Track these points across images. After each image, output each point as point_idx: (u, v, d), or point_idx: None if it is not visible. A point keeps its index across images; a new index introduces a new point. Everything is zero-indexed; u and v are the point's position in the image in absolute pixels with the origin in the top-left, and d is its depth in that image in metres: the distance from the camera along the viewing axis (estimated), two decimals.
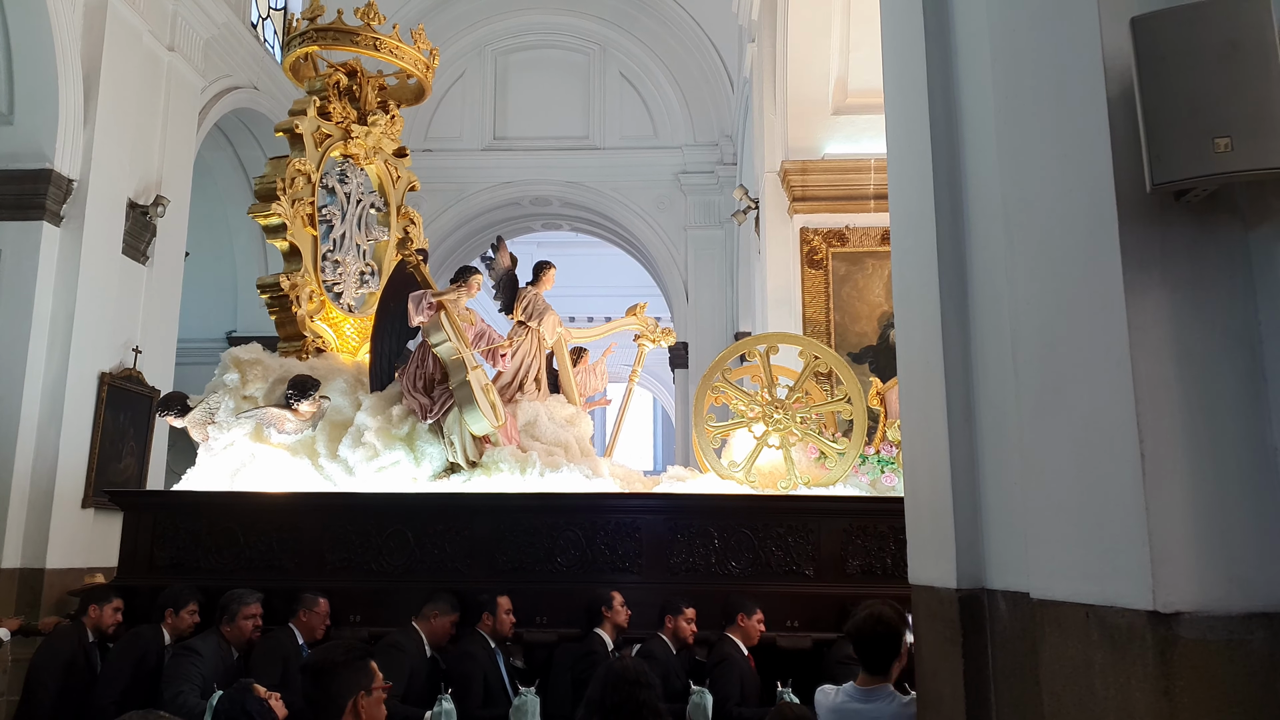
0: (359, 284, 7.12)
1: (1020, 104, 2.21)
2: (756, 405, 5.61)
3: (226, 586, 4.75)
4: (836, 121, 8.85)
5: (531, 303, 6.41)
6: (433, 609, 4.65)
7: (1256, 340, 1.70)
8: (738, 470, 5.60)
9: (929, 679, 2.71)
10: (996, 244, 2.37)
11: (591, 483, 5.60)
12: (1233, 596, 1.62)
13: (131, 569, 5.34)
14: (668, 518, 5.20)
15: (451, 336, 5.66)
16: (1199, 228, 1.75)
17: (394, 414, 5.78)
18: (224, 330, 12.57)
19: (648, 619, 4.75)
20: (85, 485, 8.07)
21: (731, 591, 4.85)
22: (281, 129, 6.74)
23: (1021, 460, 2.19)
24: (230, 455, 5.78)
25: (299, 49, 6.89)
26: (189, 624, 4.68)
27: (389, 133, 7.26)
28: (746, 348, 6.04)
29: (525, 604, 4.87)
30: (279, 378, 5.97)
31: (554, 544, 5.14)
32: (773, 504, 5.28)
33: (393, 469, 5.59)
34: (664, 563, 5.11)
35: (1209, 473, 1.68)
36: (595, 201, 14.04)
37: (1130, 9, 1.76)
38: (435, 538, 5.17)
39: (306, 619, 4.70)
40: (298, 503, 5.36)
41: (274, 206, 6.40)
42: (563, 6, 13.95)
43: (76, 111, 8.09)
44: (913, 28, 2.88)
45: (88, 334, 8.09)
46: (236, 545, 5.24)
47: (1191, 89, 1.63)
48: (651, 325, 6.99)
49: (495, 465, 5.61)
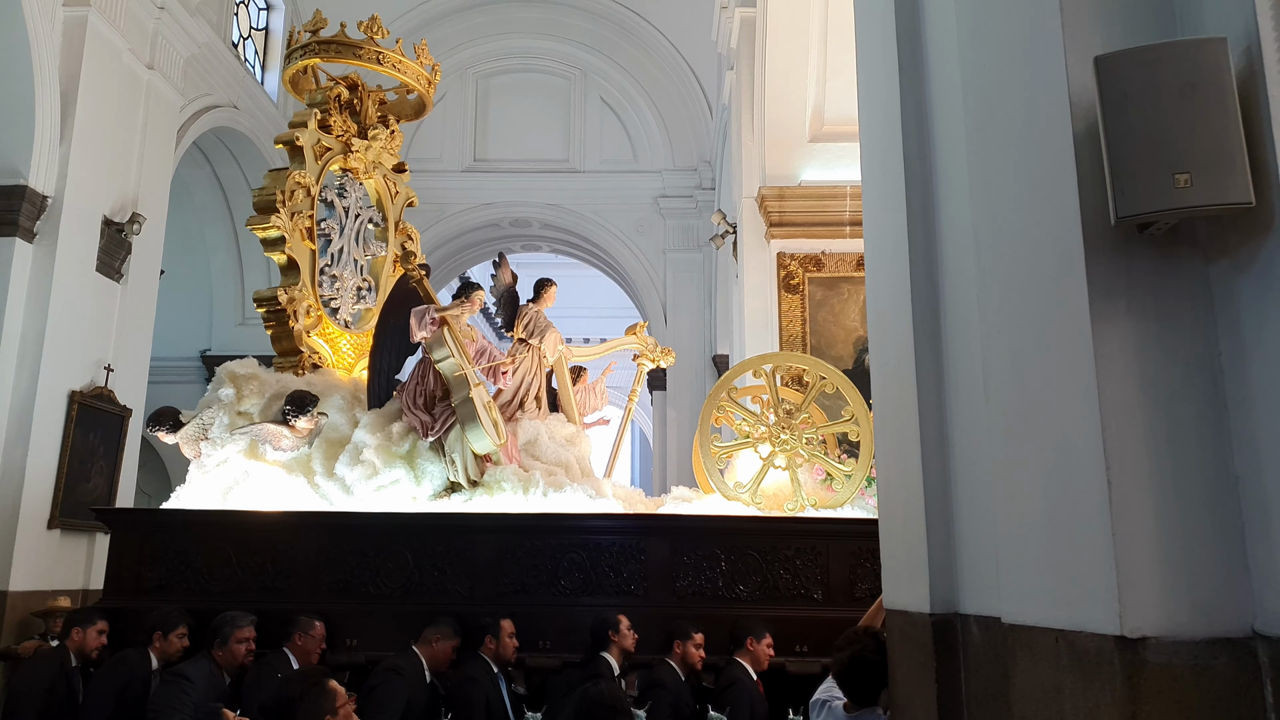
0: (356, 300, 7.02)
1: (990, 137, 2.26)
2: (762, 426, 5.54)
3: (217, 609, 4.61)
4: (813, 149, 8.98)
5: (533, 320, 6.31)
6: (434, 633, 4.52)
7: (1218, 370, 1.75)
8: (743, 491, 5.51)
9: (904, 703, 2.73)
10: (968, 273, 2.42)
11: (595, 503, 5.50)
12: (1197, 622, 1.64)
13: (118, 590, 5.15)
14: (674, 540, 5.10)
15: (454, 352, 5.56)
16: (1162, 260, 1.80)
17: (394, 431, 5.67)
18: (198, 349, 12.47)
19: (652, 643, 4.65)
20: (52, 505, 7.93)
21: (740, 616, 4.76)
22: (282, 141, 6.63)
23: (993, 486, 2.22)
24: (223, 472, 5.63)
25: (300, 61, 6.79)
26: (178, 648, 4.51)
27: (389, 147, 7.20)
28: (752, 367, 5.98)
29: (528, 628, 4.76)
30: (275, 393, 5.84)
31: (557, 566, 5.03)
32: (781, 526, 5.19)
33: (392, 488, 5.47)
34: (670, 586, 5.02)
35: (1173, 499, 1.71)
36: (575, 224, 14.10)
37: (1095, 48, 1.81)
38: (436, 559, 5.06)
39: (302, 643, 4.54)
40: (293, 522, 5.22)
41: (273, 219, 6.27)
42: (544, 31, 14.06)
43: (53, 128, 8.03)
44: (887, 61, 2.94)
45: (58, 352, 7.99)
46: (229, 566, 5.09)
47: (1153, 126, 1.68)
48: (651, 345, 6.90)
49: (497, 484, 5.50)
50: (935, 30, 2.73)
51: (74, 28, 8.26)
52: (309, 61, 6.82)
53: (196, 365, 12.44)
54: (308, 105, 6.88)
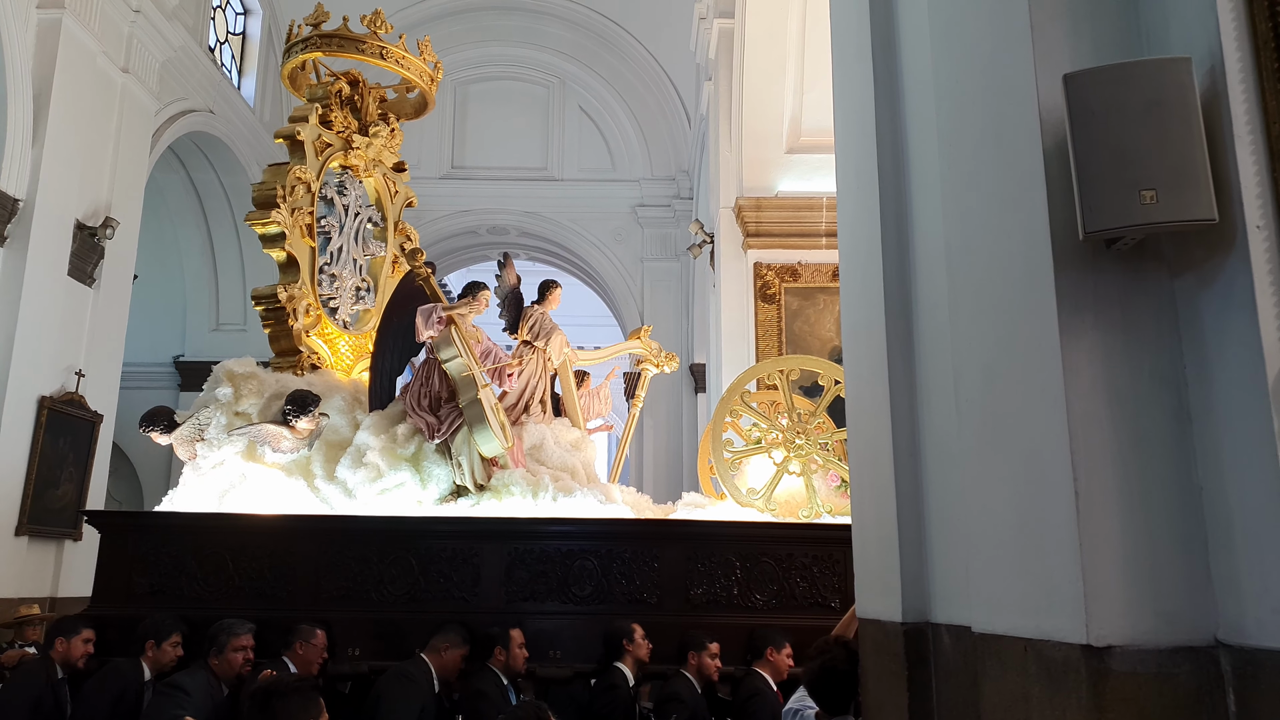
0: (354, 300, 6.87)
1: (962, 151, 2.29)
2: (776, 431, 5.46)
3: (212, 616, 4.41)
4: (790, 160, 9.04)
5: (538, 322, 6.11)
6: (442, 641, 4.35)
7: (1182, 383, 1.78)
8: (757, 498, 5.41)
9: (875, 711, 2.74)
10: (941, 285, 2.45)
11: (606, 509, 5.36)
12: (1161, 630, 1.67)
13: (107, 596, 4.94)
14: (688, 546, 4.97)
15: (462, 352, 5.40)
16: (1129, 275, 1.83)
17: (399, 433, 5.50)
18: (171, 355, 12.36)
19: (666, 653, 4.53)
20: (20, 512, 7.83)
21: (757, 625, 4.65)
22: (282, 135, 6.45)
23: (964, 496, 2.24)
24: (219, 475, 5.43)
25: (301, 55, 6.62)
26: (172, 657, 4.30)
27: (389, 146, 7.08)
28: (764, 371, 5.85)
29: (538, 637, 4.61)
30: (275, 393, 5.66)
31: (568, 573, 4.89)
32: (797, 533, 5.07)
33: (397, 491, 5.29)
34: (684, 594, 4.89)
35: (1139, 510, 1.74)
36: (553, 232, 14.10)
37: (1064, 66, 1.85)
38: (442, 565, 4.89)
39: (303, 651, 4.32)
40: (293, 526, 5.03)
41: (273, 214, 6.06)
42: (523, 40, 14.08)
43: (25, 130, 7.95)
44: (862, 74, 2.97)
45: (28, 356, 7.89)
46: (225, 572, 4.88)
47: (1120, 143, 1.71)
48: (655, 350, 6.75)
49: (505, 489, 5.32)
50: (910, 44, 2.77)
51: (48, 30, 8.18)
52: (310, 55, 6.63)
53: (169, 371, 12.32)
54: (308, 100, 6.70)
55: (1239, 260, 1.65)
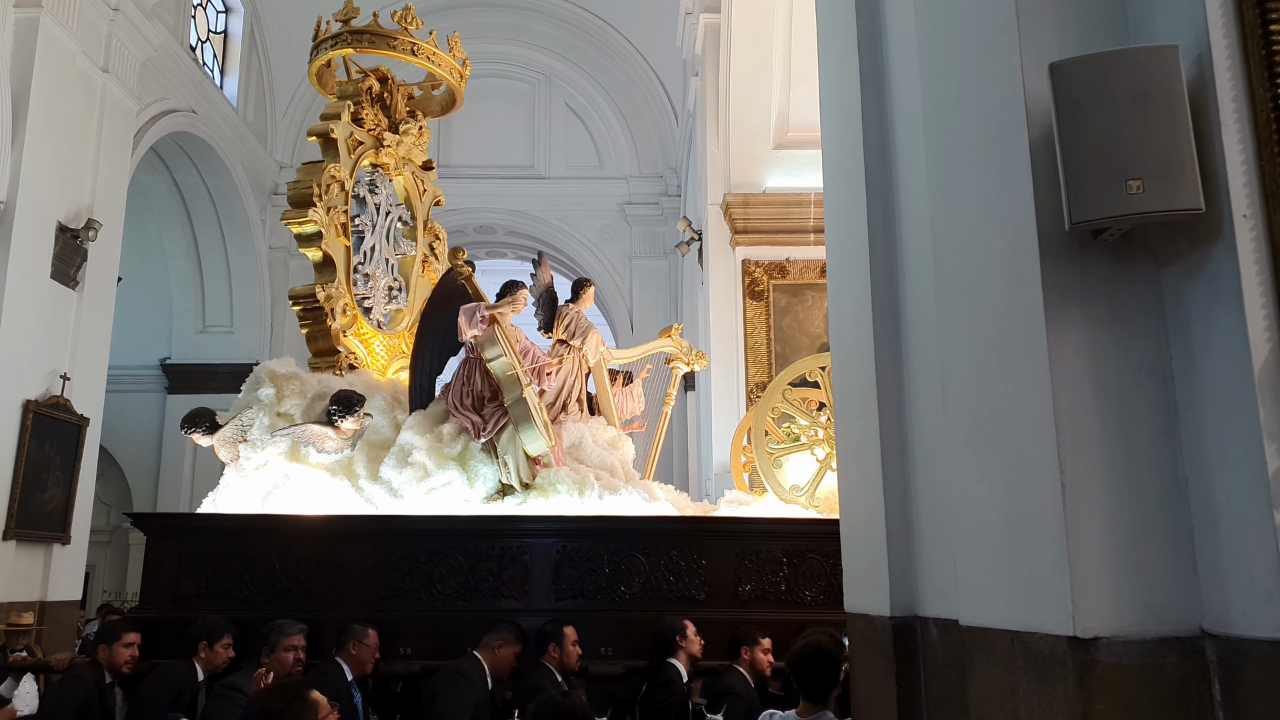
0: (387, 299, 6.81)
1: (949, 144, 2.28)
2: (818, 428, 5.47)
3: (260, 618, 4.43)
4: (778, 156, 9.04)
5: (574, 321, 6.12)
6: (495, 639, 4.37)
7: (1168, 374, 1.77)
8: (800, 495, 5.43)
9: (864, 706, 2.74)
10: (928, 279, 2.44)
11: (651, 506, 5.38)
12: (1147, 622, 1.67)
13: (154, 599, 4.95)
14: (734, 544, 5.01)
15: (507, 351, 5.41)
16: (1115, 266, 1.82)
17: (444, 432, 5.49)
18: (157, 358, 12.28)
19: (716, 649, 4.55)
20: (6, 517, 7.76)
21: (805, 621, 4.60)
22: (315, 133, 6.39)
23: (951, 490, 2.23)
24: (262, 476, 5.42)
25: (330, 51, 6.53)
26: (224, 659, 4.31)
27: (418, 144, 7.04)
28: (806, 368, 5.84)
29: (589, 634, 4.62)
30: (318, 394, 5.64)
31: (617, 570, 4.92)
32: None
33: (444, 490, 5.29)
34: (732, 591, 4.93)
35: (1125, 502, 1.73)
36: (540, 231, 14.06)
37: (1050, 55, 1.83)
38: (490, 564, 4.92)
39: (356, 651, 4.30)
40: (341, 527, 5.06)
41: (310, 213, 6.01)
42: (508, 36, 14.03)
43: (4, 132, 7.87)
44: (848, 68, 2.96)
45: (12, 361, 7.82)
46: (272, 573, 4.90)
47: (1106, 133, 1.70)
48: (686, 348, 6.75)
49: (552, 487, 5.33)
50: (895, 37, 2.76)
51: (25, 29, 8.10)
52: (341, 52, 6.53)
53: (156, 374, 12.25)
54: (339, 97, 6.62)
55: (1225, 250, 1.64)
